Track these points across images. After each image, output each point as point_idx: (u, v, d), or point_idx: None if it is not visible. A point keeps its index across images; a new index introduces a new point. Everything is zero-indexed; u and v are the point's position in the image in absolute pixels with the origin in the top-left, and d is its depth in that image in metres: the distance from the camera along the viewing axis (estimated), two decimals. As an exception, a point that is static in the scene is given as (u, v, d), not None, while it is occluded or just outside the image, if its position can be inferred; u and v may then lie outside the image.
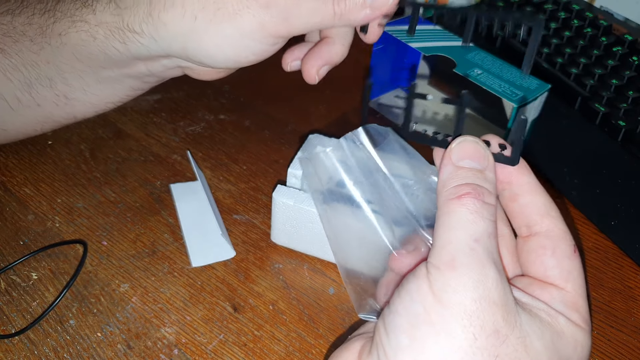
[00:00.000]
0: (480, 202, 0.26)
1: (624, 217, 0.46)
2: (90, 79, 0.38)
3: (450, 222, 0.26)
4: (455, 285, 0.24)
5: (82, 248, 0.42)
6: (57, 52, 0.37)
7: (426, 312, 0.24)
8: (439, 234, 0.26)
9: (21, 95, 0.38)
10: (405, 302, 0.25)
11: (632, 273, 0.44)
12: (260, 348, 0.37)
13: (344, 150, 0.32)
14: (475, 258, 0.25)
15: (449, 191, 0.27)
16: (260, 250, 0.43)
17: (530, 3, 0.66)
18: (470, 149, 0.28)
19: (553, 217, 0.28)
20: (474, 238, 0.25)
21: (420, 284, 0.25)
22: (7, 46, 0.37)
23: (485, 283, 0.24)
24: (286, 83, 0.61)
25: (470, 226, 0.25)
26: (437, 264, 0.25)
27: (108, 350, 0.36)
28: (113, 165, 0.49)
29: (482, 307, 0.24)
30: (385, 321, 0.26)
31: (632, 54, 0.57)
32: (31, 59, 0.37)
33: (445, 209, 0.26)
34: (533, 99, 0.48)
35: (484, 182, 0.27)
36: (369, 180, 0.31)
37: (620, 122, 0.50)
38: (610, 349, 0.38)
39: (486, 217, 0.26)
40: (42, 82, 0.38)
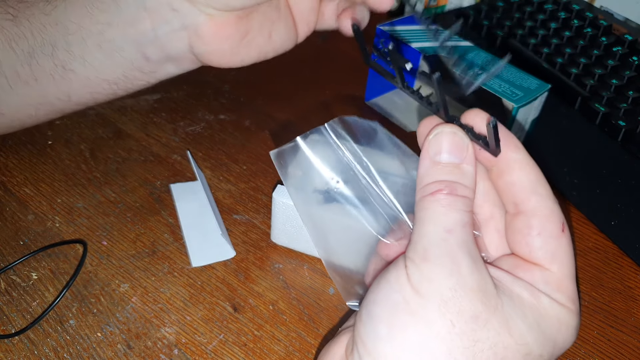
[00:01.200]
0: (453, 196, 0.26)
1: (624, 217, 0.46)
2: (93, 42, 0.38)
3: (424, 216, 0.26)
4: (430, 275, 0.25)
5: (82, 248, 0.42)
6: (69, 8, 0.37)
7: (405, 302, 0.25)
8: (415, 229, 0.27)
9: (21, 68, 0.38)
10: (385, 291, 0.26)
11: (632, 273, 0.44)
12: (260, 348, 0.37)
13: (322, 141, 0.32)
14: (447, 248, 0.25)
15: (424, 188, 0.27)
16: (260, 250, 0.43)
17: (530, 3, 0.66)
18: (446, 141, 0.27)
19: (541, 194, 0.27)
20: (447, 229, 0.25)
21: (399, 274, 0.26)
22: (20, 12, 0.37)
23: (459, 271, 0.25)
24: (286, 83, 0.61)
25: (441, 218, 0.26)
26: (412, 257, 0.26)
27: (108, 350, 0.36)
28: (113, 165, 0.49)
29: (458, 294, 0.24)
30: (362, 311, 0.26)
31: (632, 54, 0.57)
32: (40, 22, 0.37)
33: (420, 205, 0.27)
34: (533, 99, 0.48)
35: (460, 177, 0.27)
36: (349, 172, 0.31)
37: (620, 122, 0.50)
38: (610, 349, 0.38)
39: (459, 209, 0.26)
40: (44, 49, 0.38)
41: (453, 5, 0.72)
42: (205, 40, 0.37)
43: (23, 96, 0.40)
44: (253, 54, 0.40)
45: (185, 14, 0.36)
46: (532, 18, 0.63)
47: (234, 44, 0.38)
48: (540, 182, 0.27)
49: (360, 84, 0.59)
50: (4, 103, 0.40)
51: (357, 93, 0.59)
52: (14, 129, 0.43)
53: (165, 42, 0.38)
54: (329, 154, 0.32)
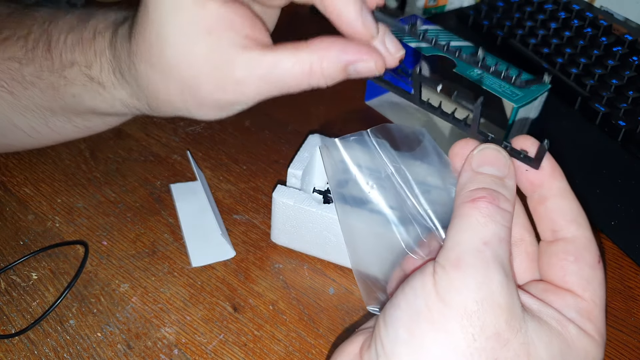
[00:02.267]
0: (494, 207, 0.25)
1: (624, 217, 0.46)
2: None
3: (462, 224, 0.26)
4: (458, 285, 0.24)
5: (82, 248, 0.42)
6: (72, 106, 0.37)
7: (428, 309, 0.24)
8: (450, 235, 0.26)
9: (38, 126, 0.38)
10: (408, 297, 0.25)
11: (632, 273, 0.44)
12: (260, 348, 0.37)
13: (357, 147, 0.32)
14: (481, 260, 0.24)
15: (464, 194, 0.26)
16: (260, 250, 0.43)
17: (530, 3, 0.66)
18: (491, 156, 0.28)
19: (580, 224, 0.28)
20: (483, 241, 0.25)
21: (425, 280, 0.25)
22: (17, 91, 0.37)
23: (490, 285, 0.24)
24: (286, 83, 0.61)
25: (480, 229, 0.25)
26: (443, 263, 0.25)
27: (108, 350, 0.36)
28: (113, 165, 0.49)
29: (484, 309, 0.24)
30: (385, 314, 0.26)
31: (632, 54, 0.57)
32: (43, 105, 0.37)
33: (459, 211, 0.26)
34: (533, 99, 0.48)
35: (502, 189, 0.27)
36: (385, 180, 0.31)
37: (620, 122, 0.50)
38: (610, 349, 0.38)
39: (499, 222, 0.25)
40: (58, 118, 0.38)
41: (453, 5, 0.72)
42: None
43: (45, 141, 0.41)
44: None
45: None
46: (532, 18, 0.63)
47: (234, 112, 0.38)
48: (580, 212, 0.28)
49: (360, 84, 0.59)
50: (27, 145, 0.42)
51: (357, 93, 0.59)
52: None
53: None
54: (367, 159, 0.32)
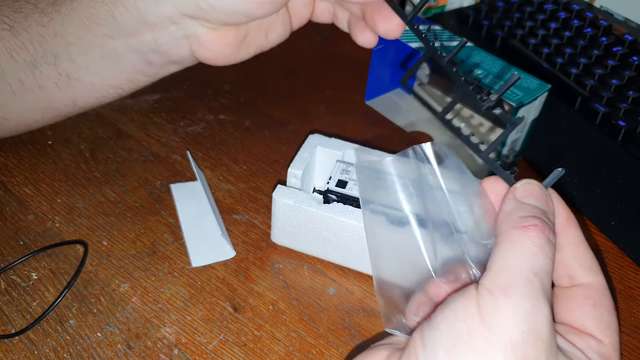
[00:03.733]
0: (545, 238, 0.26)
1: (624, 217, 0.46)
2: (95, 52, 0.38)
3: (513, 250, 0.25)
4: (506, 312, 0.24)
5: (82, 248, 0.42)
6: (67, 21, 0.37)
7: (469, 333, 0.24)
8: (497, 258, 0.26)
9: (24, 76, 0.38)
10: (449, 319, 0.25)
11: (632, 273, 0.44)
12: (260, 348, 0.37)
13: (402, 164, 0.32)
14: (531, 290, 0.24)
15: (514, 220, 0.26)
16: (260, 250, 0.43)
17: (530, 3, 0.66)
18: (535, 191, 0.28)
19: (596, 272, 0.29)
20: (534, 271, 0.25)
21: (468, 303, 0.25)
22: (17, 23, 0.37)
23: (537, 317, 0.24)
24: (286, 83, 0.61)
25: (531, 258, 0.25)
26: (490, 287, 0.25)
27: (108, 350, 0.36)
28: (113, 165, 0.49)
29: (529, 341, 0.23)
30: (424, 334, 0.26)
31: (632, 54, 0.57)
32: (39, 34, 0.37)
33: (508, 236, 0.26)
34: (533, 99, 0.48)
35: (548, 221, 0.27)
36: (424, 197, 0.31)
37: (620, 122, 0.50)
38: (610, 349, 0.38)
39: (547, 254, 0.25)
40: (47, 59, 0.38)
41: (453, 5, 0.72)
42: (207, 47, 0.38)
43: (28, 102, 0.40)
44: (251, 51, 0.40)
45: (186, 26, 0.37)
46: (532, 18, 0.63)
47: (234, 48, 0.39)
48: (594, 260, 0.29)
49: (360, 84, 0.59)
50: (9, 109, 0.40)
51: (357, 93, 0.59)
52: (18, 132, 0.43)
53: (167, 49, 0.38)
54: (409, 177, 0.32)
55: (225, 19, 0.36)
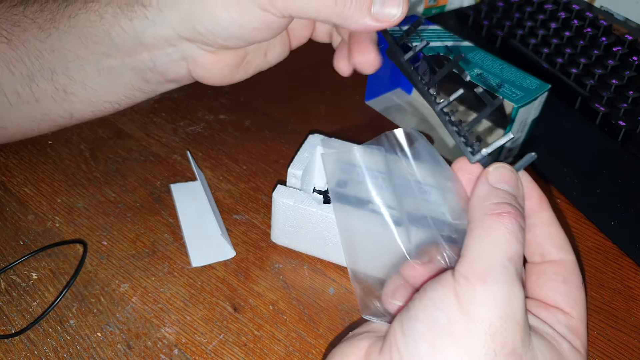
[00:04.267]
0: (517, 225, 0.26)
1: (624, 217, 0.46)
2: (92, 69, 0.38)
3: (487, 237, 0.26)
4: (484, 299, 0.24)
5: (82, 248, 0.42)
6: (64, 38, 0.37)
7: (449, 323, 0.24)
8: (472, 246, 0.26)
9: (21, 89, 0.38)
10: (428, 309, 0.25)
11: (632, 273, 0.44)
12: (260, 348, 0.37)
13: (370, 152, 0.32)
14: (507, 276, 0.25)
15: (487, 206, 0.27)
16: (260, 250, 0.43)
17: (530, 3, 0.66)
18: (507, 175, 0.28)
19: (567, 250, 0.29)
20: (508, 257, 0.25)
21: (445, 292, 0.25)
22: (15, 36, 0.37)
23: (513, 302, 0.25)
24: (286, 83, 0.61)
25: (506, 245, 0.25)
26: (466, 274, 0.25)
27: (108, 350, 0.36)
28: (113, 165, 0.49)
29: (507, 326, 0.24)
30: (403, 325, 0.26)
31: (632, 54, 0.57)
32: (36, 48, 0.37)
33: (482, 223, 0.26)
34: (533, 99, 0.48)
35: (520, 207, 0.27)
36: (392, 183, 0.31)
37: (620, 122, 0.50)
38: (610, 349, 0.38)
39: (519, 240, 0.26)
40: (43, 74, 0.38)
41: (453, 5, 0.72)
42: (205, 68, 0.38)
43: (25, 113, 0.40)
44: (250, 71, 0.41)
45: (184, 48, 0.37)
46: (532, 18, 0.63)
47: (233, 69, 0.39)
48: (565, 239, 0.30)
49: (360, 84, 0.59)
50: (6, 119, 0.40)
51: (357, 93, 0.59)
52: (15, 139, 0.43)
53: (164, 69, 0.38)
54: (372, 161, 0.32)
55: (223, 43, 0.36)
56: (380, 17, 0.34)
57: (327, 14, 0.34)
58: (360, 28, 0.34)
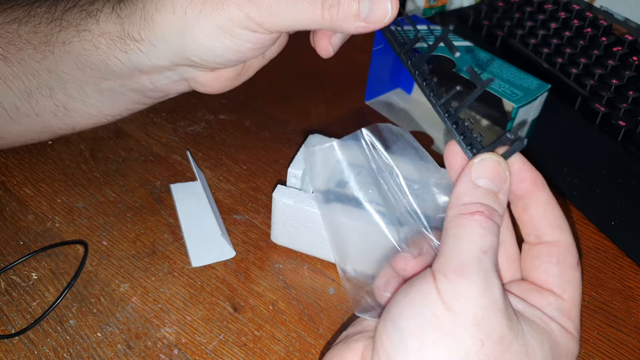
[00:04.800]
0: (491, 221, 0.26)
1: (624, 217, 0.46)
2: (91, 89, 0.38)
3: (461, 234, 0.26)
4: (465, 292, 0.25)
5: (82, 248, 0.42)
6: (60, 61, 0.37)
7: (436, 318, 0.25)
8: (448, 244, 0.26)
9: (20, 104, 0.38)
10: (415, 306, 0.26)
11: (632, 273, 0.44)
12: (260, 348, 0.37)
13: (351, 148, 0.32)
14: (483, 268, 0.25)
15: (461, 207, 0.27)
16: (260, 250, 0.43)
17: (530, 3, 0.66)
18: (490, 169, 0.28)
19: (563, 229, 0.29)
20: (483, 250, 0.26)
21: (428, 289, 0.26)
22: (10, 54, 0.37)
23: (492, 291, 0.25)
24: (286, 83, 0.61)
25: (479, 239, 0.26)
26: (445, 271, 0.26)
27: (108, 350, 0.36)
28: (113, 165, 0.49)
29: (490, 315, 0.25)
30: (387, 324, 0.26)
31: (632, 54, 0.57)
32: (33, 68, 0.37)
33: (456, 221, 0.27)
34: (533, 99, 0.48)
35: (497, 205, 0.27)
36: (375, 179, 0.31)
37: (620, 122, 0.50)
38: (610, 349, 0.38)
39: (494, 233, 0.26)
40: (42, 91, 0.38)
41: (453, 5, 0.72)
42: (206, 84, 0.39)
43: (25, 125, 0.40)
44: (251, 73, 0.41)
45: (182, 71, 0.37)
46: (532, 18, 0.63)
47: (233, 80, 0.40)
48: (562, 218, 0.29)
49: (360, 84, 0.59)
50: (5, 131, 0.40)
51: (357, 93, 0.59)
52: (15, 146, 0.44)
53: (165, 88, 0.39)
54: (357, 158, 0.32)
55: (220, 66, 0.37)
56: (370, 20, 0.33)
57: (317, 25, 0.34)
58: (353, 31, 0.34)
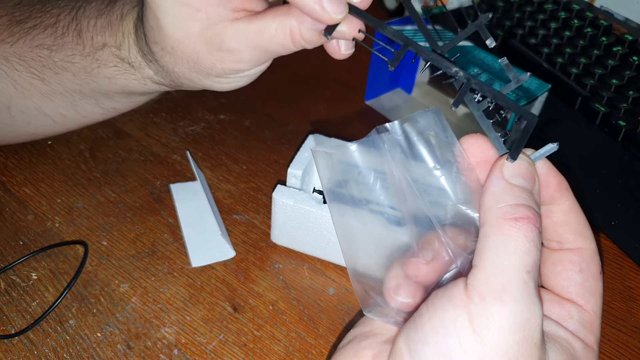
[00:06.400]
0: (537, 231, 0.24)
1: (624, 217, 0.46)
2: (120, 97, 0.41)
3: (505, 246, 0.24)
4: (501, 323, 0.22)
5: (82, 248, 0.42)
6: (106, 87, 0.39)
7: (462, 349, 0.23)
8: (488, 256, 0.24)
9: (66, 111, 0.40)
10: (439, 334, 0.23)
11: (632, 273, 0.44)
12: (260, 348, 0.37)
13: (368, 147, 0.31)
14: (526, 293, 0.23)
15: (504, 209, 0.25)
16: (260, 250, 0.43)
17: (530, 3, 0.66)
18: (524, 169, 0.26)
19: (586, 237, 0.28)
20: (527, 269, 0.23)
21: (457, 313, 0.23)
22: (48, 77, 0.39)
23: (532, 323, 0.23)
24: (286, 83, 0.61)
25: (525, 256, 0.23)
26: (482, 291, 0.23)
27: (108, 350, 0.36)
28: (113, 165, 0.49)
29: (523, 350, 0.23)
30: (410, 346, 0.24)
31: (632, 54, 0.57)
32: (74, 89, 0.39)
33: (499, 229, 0.24)
34: (533, 99, 0.48)
35: (536, 206, 0.25)
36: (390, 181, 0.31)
37: (620, 122, 0.50)
38: (610, 349, 0.38)
39: (538, 247, 0.24)
40: (87, 101, 0.40)
41: (453, 5, 0.72)
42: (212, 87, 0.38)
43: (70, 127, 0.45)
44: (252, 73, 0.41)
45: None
46: (532, 18, 0.63)
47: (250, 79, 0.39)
48: (586, 225, 0.28)
49: (360, 84, 0.59)
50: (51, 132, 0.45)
51: (357, 93, 0.59)
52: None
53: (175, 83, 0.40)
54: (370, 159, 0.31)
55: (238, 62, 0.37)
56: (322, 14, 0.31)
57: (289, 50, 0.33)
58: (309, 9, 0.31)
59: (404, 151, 0.31)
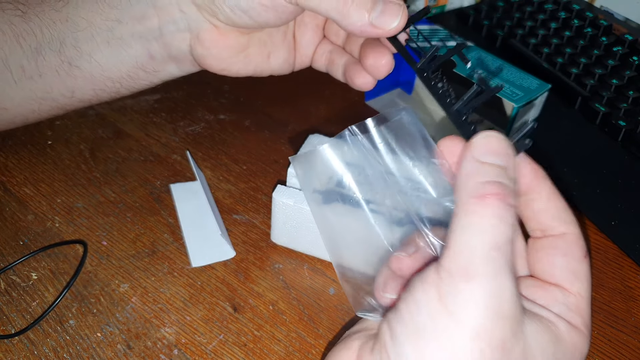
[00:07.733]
0: (505, 205, 0.24)
1: (624, 217, 0.46)
2: (101, 38, 0.39)
3: (471, 224, 0.24)
4: (468, 297, 0.23)
5: (82, 248, 0.42)
6: (80, 5, 0.38)
7: (433, 323, 0.24)
8: (456, 236, 0.24)
9: (27, 63, 0.39)
10: (412, 309, 0.24)
11: (632, 273, 0.44)
12: (260, 348, 0.37)
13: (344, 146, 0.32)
14: (493, 267, 0.23)
15: (472, 187, 0.25)
16: (260, 250, 0.43)
17: (530, 3, 0.66)
18: (494, 145, 0.26)
19: (568, 222, 0.28)
20: (495, 245, 0.23)
21: (428, 290, 0.24)
22: (30, 8, 0.38)
23: (500, 296, 0.23)
24: (286, 83, 0.61)
25: (492, 231, 0.24)
26: (450, 269, 0.24)
27: (108, 351, 0.36)
28: (113, 165, 0.49)
29: (493, 322, 0.23)
30: (390, 325, 0.25)
31: (632, 54, 0.57)
32: (50, 19, 0.38)
33: (466, 207, 0.24)
34: (533, 99, 0.48)
35: (509, 181, 0.25)
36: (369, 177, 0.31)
37: (620, 122, 0.50)
38: (610, 349, 0.38)
39: (508, 222, 0.24)
40: (52, 45, 0.39)
41: (453, 5, 0.72)
42: (205, 45, 0.39)
43: (27, 91, 0.40)
44: (249, 68, 0.41)
45: (191, 17, 0.38)
46: (532, 18, 0.63)
47: (232, 54, 0.40)
48: (566, 210, 0.28)
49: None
50: (8, 97, 0.40)
51: (357, 93, 0.59)
52: (15, 124, 0.43)
53: (169, 40, 0.39)
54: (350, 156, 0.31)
55: (229, 14, 0.37)
56: (377, 24, 0.34)
57: (327, 8, 0.34)
58: (356, 30, 0.34)
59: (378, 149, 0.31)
